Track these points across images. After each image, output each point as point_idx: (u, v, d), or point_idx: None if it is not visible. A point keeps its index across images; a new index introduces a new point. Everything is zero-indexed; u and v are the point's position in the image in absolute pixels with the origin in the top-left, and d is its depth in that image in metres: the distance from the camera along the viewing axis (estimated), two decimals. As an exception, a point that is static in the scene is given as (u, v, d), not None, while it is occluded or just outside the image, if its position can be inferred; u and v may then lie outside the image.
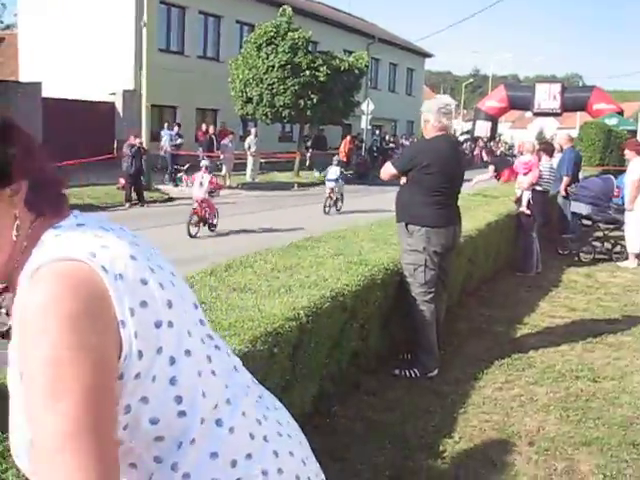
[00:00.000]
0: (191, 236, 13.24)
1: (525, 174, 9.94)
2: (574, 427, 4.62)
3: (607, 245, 11.67)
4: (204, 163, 14.44)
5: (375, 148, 37.05)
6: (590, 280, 9.73)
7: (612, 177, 11.69)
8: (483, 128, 59.43)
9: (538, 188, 9.97)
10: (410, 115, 50.26)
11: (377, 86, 45.55)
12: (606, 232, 11.75)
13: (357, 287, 4.68)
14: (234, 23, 33.05)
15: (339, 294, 4.43)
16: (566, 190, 12.23)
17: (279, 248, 5.73)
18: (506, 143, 61.82)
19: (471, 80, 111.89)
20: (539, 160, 10.31)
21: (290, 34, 25.34)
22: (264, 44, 25.47)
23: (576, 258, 11.23)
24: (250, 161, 25.60)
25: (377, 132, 38.47)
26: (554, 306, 8.06)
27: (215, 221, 14.12)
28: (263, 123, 28.01)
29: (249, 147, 25.60)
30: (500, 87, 61.92)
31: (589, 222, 11.60)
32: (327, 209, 18.10)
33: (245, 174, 25.67)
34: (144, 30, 20.18)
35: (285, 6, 26.82)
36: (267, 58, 25.25)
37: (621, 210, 11.34)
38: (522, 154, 11.05)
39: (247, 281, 4.58)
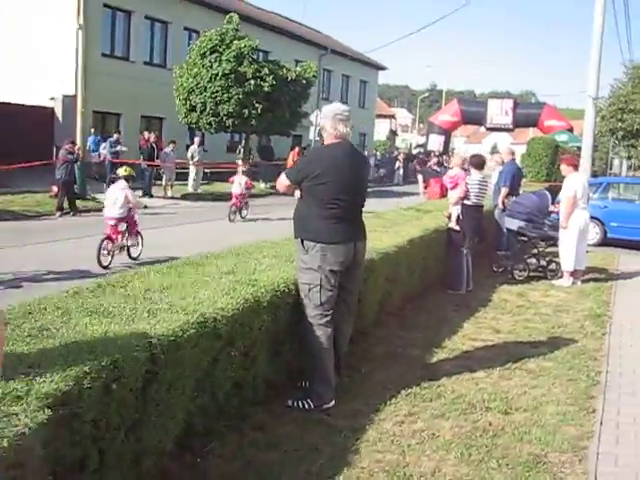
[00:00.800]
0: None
1: (452, 188, 9.59)
2: (474, 468, 4.16)
3: (542, 262, 11.38)
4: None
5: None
6: (521, 299, 9.38)
7: (547, 193, 11.41)
8: (436, 142, 59.50)
9: (468, 202, 9.60)
10: (363, 128, 50.09)
11: (329, 98, 45.19)
12: (541, 249, 11.46)
13: (235, 311, 4.18)
14: (182, 30, 32.44)
15: (210, 319, 3.92)
16: (504, 203, 11.95)
17: (166, 265, 5.21)
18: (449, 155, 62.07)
19: (427, 94, 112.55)
20: (468, 173, 9.99)
21: (236, 42, 24.86)
22: (208, 52, 24.94)
23: (510, 276, 10.91)
24: (192, 171, 24.99)
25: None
26: (479, 327, 7.66)
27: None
28: (207, 132, 27.47)
29: (192, 156, 25.01)
30: (453, 101, 62.24)
31: (525, 238, 11.29)
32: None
33: (188, 184, 25.06)
34: (80, 33, 19.51)
35: (232, 14, 26.35)
36: (211, 67, 24.73)
37: (556, 227, 11.05)
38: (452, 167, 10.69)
39: (111, 303, 4.05)
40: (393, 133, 73.06)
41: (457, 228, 9.51)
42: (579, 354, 6.74)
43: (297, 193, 5.26)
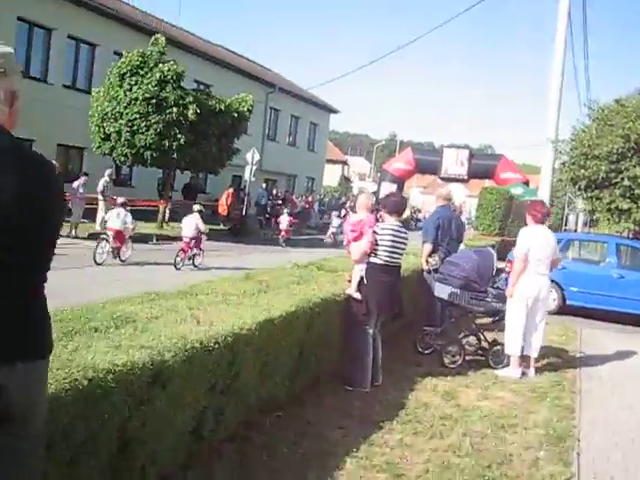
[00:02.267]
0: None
1: (354, 240, 6.81)
2: None
3: (483, 344, 8.64)
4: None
5: (265, 203, 34.08)
6: (449, 404, 6.55)
7: (492, 251, 8.69)
8: (388, 190, 57.29)
9: (376, 261, 6.83)
10: (311, 171, 47.63)
11: (276, 138, 42.74)
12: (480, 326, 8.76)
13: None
14: (111, 54, 29.51)
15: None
16: (427, 262, 9.26)
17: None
18: (412, 207, 59.91)
19: (383, 142, 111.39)
20: (380, 220, 7.27)
21: (160, 66, 22.11)
22: (128, 74, 22.13)
23: (439, 360, 8.13)
24: (102, 207, 21.92)
25: (264, 186, 35.38)
26: (371, 468, 4.77)
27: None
28: (124, 165, 24.62)
29: (103, 191, 21.97)
30: (408, 149, 60.13)
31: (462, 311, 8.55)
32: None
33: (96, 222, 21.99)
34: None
35: (158, 35, 23.66)
36: (130, 90, 21.90)
37: (503, 297, 8.35)
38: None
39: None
40: (346, 179, 70.90)
41: (358, 297, 6.72)
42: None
43: None
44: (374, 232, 6.75)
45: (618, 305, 13.71)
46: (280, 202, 34.72)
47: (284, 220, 26.78)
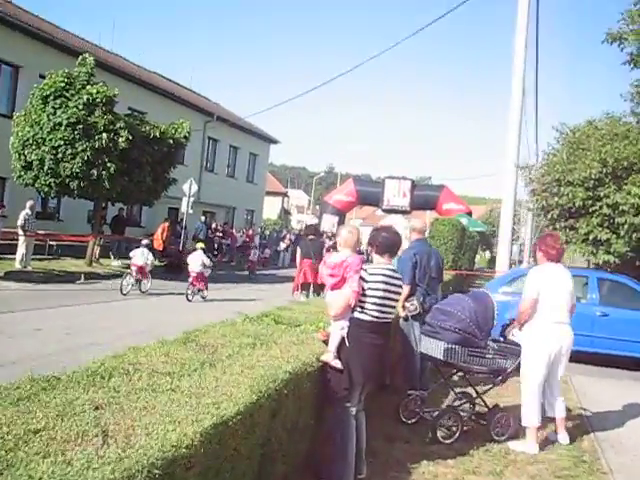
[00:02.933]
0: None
1: (333, 287, 5.13)
2: None
3: (480, 408, 7.03)
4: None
5: (203, 237, 32.13)
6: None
7: (489, 294, 7.08)
8: (329, 222, 55.96)
9: (362, 316, 5.15)
10: (250, 204, 45.86)
11: (214, 169, 40.92)
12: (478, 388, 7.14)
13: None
14: (37, 77, 27.36)
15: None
16: (404, 307, 7.66)
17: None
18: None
19: (322, 174, 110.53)
20: (364, 260, 5.60)
21: (88, 88, 20.17)
22: (52, 97, 20.11)
23: (431, 435, 6.46)
24: (22, 243, 19.75)
25: (203, 219, 33.43)
26: None
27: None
28: (48, 196, 22.49)
29: (23, 225, 19.82)
30: (349, 181, 59.02)
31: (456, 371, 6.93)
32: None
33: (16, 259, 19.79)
34: None
35: (86, 54, 21.68)
36: (54, 114, 19.86)
37: (506, 352, 6.78)
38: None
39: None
40: (286, 212, 69.33)
41: (339, 365, 5.03)
42: None
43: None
44: (361, 278, 5.06)
45: (603, 347, 12.34)
46: (220, 235, 32.82)
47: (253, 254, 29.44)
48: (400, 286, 5.37)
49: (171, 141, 22.47)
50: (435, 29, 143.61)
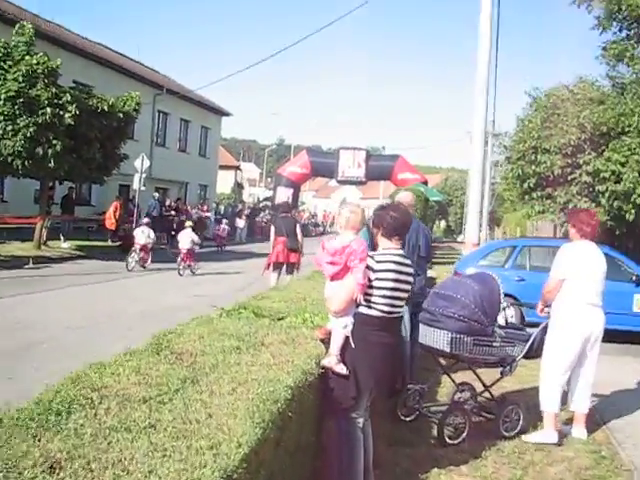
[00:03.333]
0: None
1: (334, 278, 4.38)
2: None
3: (485, 398, 6.36)
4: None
5: (156, 215, 30.99)
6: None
7: (493, 275, 6.36)
8: (284, 195, 54.98)
9: (370, 312, 4.38)
10: (203, 178, 44.58)
11: (165, 144, 39.58)
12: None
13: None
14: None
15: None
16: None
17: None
18: (304, 211, 57.70)
19: (275, 146, 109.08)
20: (372, 246, 4.81)
21: (27, 58, 18.86)
22: (-11, 69, 18.79)
23: (438, 435, 5.77)
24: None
25: (155, 195, 32.21)
26: None
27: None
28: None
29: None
30: (303, 152, 57.85)
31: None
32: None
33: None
34: None
35: (24, 22, 20.30)
36: (-8, 87, 18.56)
37: (514, 338, 6.12)
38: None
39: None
40: (239, 186, 68.12)
41: (344, 370, 4.29)
42: None
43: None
44: (367, 267, 4.29)
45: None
46: (174, 213, 31.70)
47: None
48: (411, 274, 4.60)
49: (121, 115, 21.33)
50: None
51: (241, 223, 38.82)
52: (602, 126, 12.44)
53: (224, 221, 33.10)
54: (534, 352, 6.31)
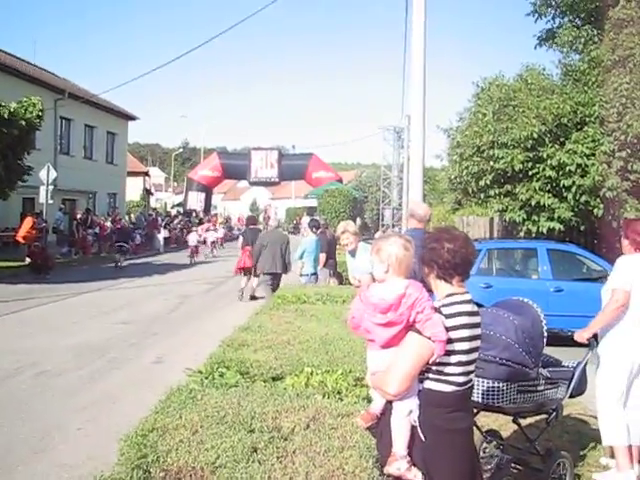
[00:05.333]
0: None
1: (391, 342, 3.07)
2: None
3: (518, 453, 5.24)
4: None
5: (63, 229, 28.96)
6: None
7: (531, 303, 5.23)
8: (196, 200, 53.23)
9: (443, 387, 3.11)
10: (112, 186, 42.28)
11: (69, 152, 37.15)
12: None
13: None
14: None
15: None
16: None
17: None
18: (215, 215, 55.99)
19: (181, 150, 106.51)
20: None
21: None
22: None
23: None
24: None
25: (61, 207, 30.04)
26: None
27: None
28: None
29: None
30: (213, 155, 56.46)
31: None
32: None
33: None
34: None
35: None
36: None
37: (556, 378, 5.04)
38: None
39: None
40: (147, 192, 65.66)
41: (418, 478, 3.03)
42: None
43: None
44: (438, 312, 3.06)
45: (560, 325, 10.97)
46: (88, 226, 29.69)
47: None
48: (479, 325, 3.39)
49: (23, 122, 19.35)
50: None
51: (164, 233, 37.15)
52: (563, 117, 11.65)
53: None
54: (574, 390, 5.25)
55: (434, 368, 3.08)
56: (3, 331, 11.72)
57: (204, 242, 33.73)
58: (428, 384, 3.12)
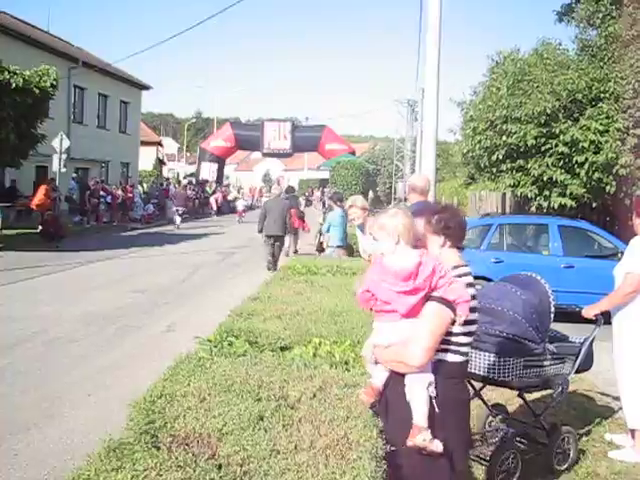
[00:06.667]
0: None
1: (413, 311, 3.06)
2: None
3: (531, 432, 5.29)
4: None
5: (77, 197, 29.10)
6: None
7: (539, 278, 5.26)
8: (209, 170, 53.25)
9: (455, 358, 3.17)
10: (125, 156, 42.35)
11: (83, 121, 37.17)
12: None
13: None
14: None
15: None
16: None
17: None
18: (227, 186, 55.84)
19: (194, 120, 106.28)
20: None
21: None
22: None
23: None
24: None
25: (74, 176, 30.17)
26: None
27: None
28: None
29: None
30: (226, 125, 56.40)
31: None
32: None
33: None
34: None
35: None
36: None
37: (562, 353, 5.06)
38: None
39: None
40: (160, 162, 65.70)
41: (440, 448, 3.01)
42: None
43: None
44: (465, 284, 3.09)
45: (570, 301, 10.97)
46: (103, 194, 29.84)
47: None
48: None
49: (37, 91, 19.36)
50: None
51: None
52: (577, 93, 11.55)
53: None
54: (581, 366, 5.27)
55: (445, 338, 3.09)
56: (15, 298, 11.83)
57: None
58: (441, 355, 3.13)
